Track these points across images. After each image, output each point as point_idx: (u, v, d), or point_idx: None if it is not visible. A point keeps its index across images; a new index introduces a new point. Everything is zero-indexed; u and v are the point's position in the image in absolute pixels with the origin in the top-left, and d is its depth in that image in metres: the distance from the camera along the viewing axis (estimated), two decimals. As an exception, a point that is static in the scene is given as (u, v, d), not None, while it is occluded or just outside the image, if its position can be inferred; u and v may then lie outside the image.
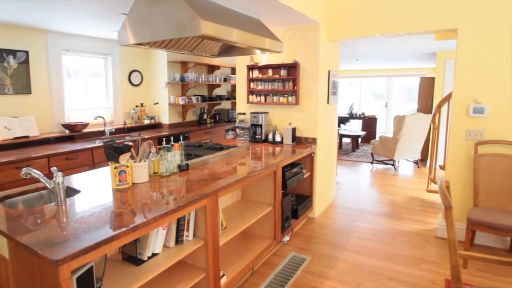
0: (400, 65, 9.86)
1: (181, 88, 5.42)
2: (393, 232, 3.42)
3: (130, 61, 5.00)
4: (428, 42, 5.05)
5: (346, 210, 4.07)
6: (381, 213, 3.95)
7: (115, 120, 4.87)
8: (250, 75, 3.99)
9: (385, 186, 5.15)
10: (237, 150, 3.19)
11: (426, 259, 2.86)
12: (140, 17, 2.27)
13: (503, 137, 2.93)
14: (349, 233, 3.41)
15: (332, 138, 4.24)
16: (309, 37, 3.59)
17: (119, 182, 1.99)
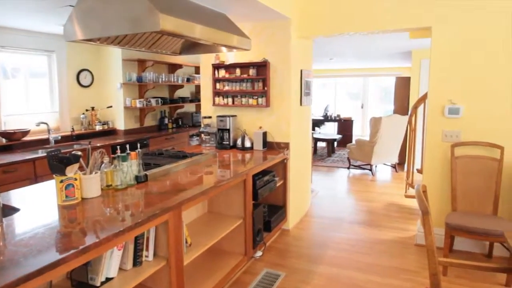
0: (375, 65, 10.29)
1: (139, 89, 5.31)
2: (371, 241, 3.53)
3: (79, 59, 4.84)
4: (403, 40, 5.31)
5: (322, 220, 4.15)
6: (359, 222, 4.07)
7: (62, 126, 4.68)
8: (216, 75, 3.99)
9: (363, 193, 5.31)
10: (202, 158, 3.16)
11: (405, 268, 2.98)
12: (89, 9, 2.21)
13: (479, 138, 3.13)
14: (326, 244, 3.47)
15: (306, 142, 4.33)
16: (279, 34, 3.65)
17: (65, 197, 1.91)
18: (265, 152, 3.65)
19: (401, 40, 5.26)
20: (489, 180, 3.06)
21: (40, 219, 1.72)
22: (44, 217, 1.75)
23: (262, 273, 2.91)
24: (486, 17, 3.01)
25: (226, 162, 3.18)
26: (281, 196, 3.80)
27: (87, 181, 2.02)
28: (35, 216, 1.76)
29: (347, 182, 5.98)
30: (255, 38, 3.75)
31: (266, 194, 3.23)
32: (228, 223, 2.77)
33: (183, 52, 3.20)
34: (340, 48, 6.41)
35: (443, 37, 3.16)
